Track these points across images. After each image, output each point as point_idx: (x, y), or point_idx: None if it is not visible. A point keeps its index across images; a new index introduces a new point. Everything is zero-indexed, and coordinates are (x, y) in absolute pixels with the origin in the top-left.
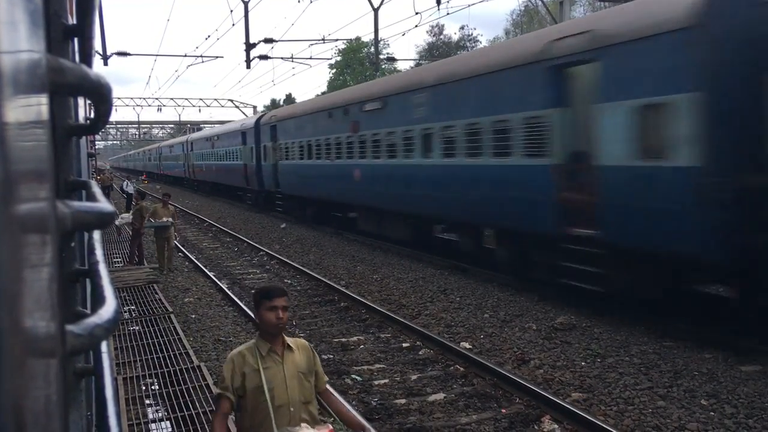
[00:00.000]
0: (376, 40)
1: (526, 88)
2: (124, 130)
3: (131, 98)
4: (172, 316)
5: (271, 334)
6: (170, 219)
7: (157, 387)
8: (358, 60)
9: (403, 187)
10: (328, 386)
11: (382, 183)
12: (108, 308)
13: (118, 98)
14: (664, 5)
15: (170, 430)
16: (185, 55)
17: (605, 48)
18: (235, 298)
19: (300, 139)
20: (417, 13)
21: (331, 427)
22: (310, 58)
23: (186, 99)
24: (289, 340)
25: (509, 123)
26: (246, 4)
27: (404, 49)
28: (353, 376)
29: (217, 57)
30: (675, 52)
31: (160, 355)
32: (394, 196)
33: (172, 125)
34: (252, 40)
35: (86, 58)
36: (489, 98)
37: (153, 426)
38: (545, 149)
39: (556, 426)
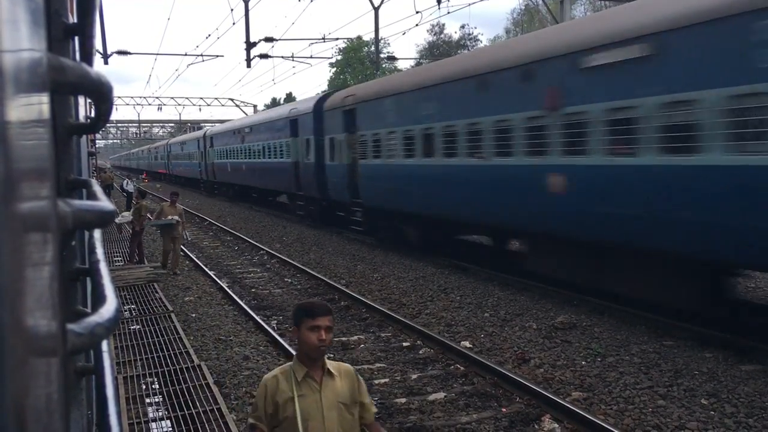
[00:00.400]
0: (377, 39)
1: None
2: (125, 129)
3: (131, 97)
4: (173, 315)
5: (310, 358)
6: (176, 217)
7: (157, 386)
8: (358, 59)
9: (721, 209)
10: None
11: (632, 200)
12: (108, 307)
13: (119, 97)
14: None
15: (170, 428)
16: (186, 54)
17: None
18: (236, 297)
19: (406, 127)
20: (417, 12)
21: None
22: (311, 57)
23: (186, 98)
24: (330, 364)
25: None
26: (246, 3)
27: (405, 48)
28: None
29: (217, 56)
30: None
31: (161, 354)
32: (673, 226)
33: (173, 124)
34: (252, 39)
35: (87, 56)
36: None
37: (153, 425)
38: None
39: (556, 425)
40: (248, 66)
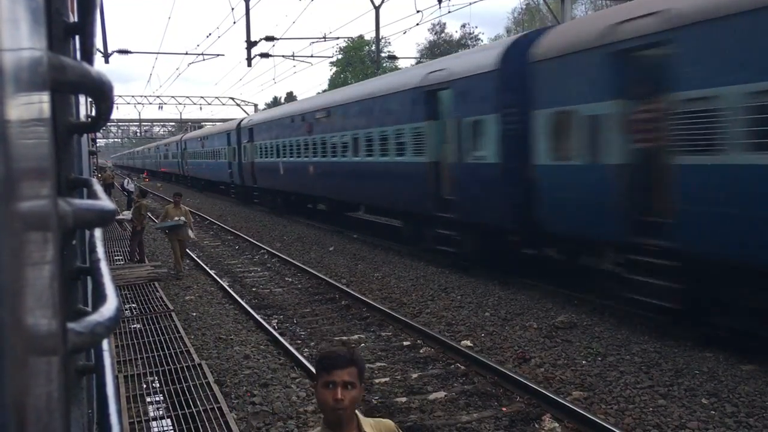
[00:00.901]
0: (378, 39)
1: None
2: (126, 128)
3: (132, 96)
4: (173, 314)
5: (329, 422)
6: (183, 218)
7: (157, 384)
8: (359, 58)
9: None
10: None
11: None
12: (109, 306)
13: (119, 96)
14: None
15: (171, 427)
16: (186, 53)
17: None
18: (236, 296)
19: None
20: (418, 11)
21: None
22: (312, 56)
23: (187, 97)
24: (367, 424)
25: None
26: (247, 2)
27: (405, 47)
28: None
29: (218, 55)
30: None
31: (161, 353)
32: None
33: (173, 123)
34: (253, 38)
35: (87, 55)
36: None
37: (154, 423)
38: None
39: (556, 425)
40: (249, 65)
